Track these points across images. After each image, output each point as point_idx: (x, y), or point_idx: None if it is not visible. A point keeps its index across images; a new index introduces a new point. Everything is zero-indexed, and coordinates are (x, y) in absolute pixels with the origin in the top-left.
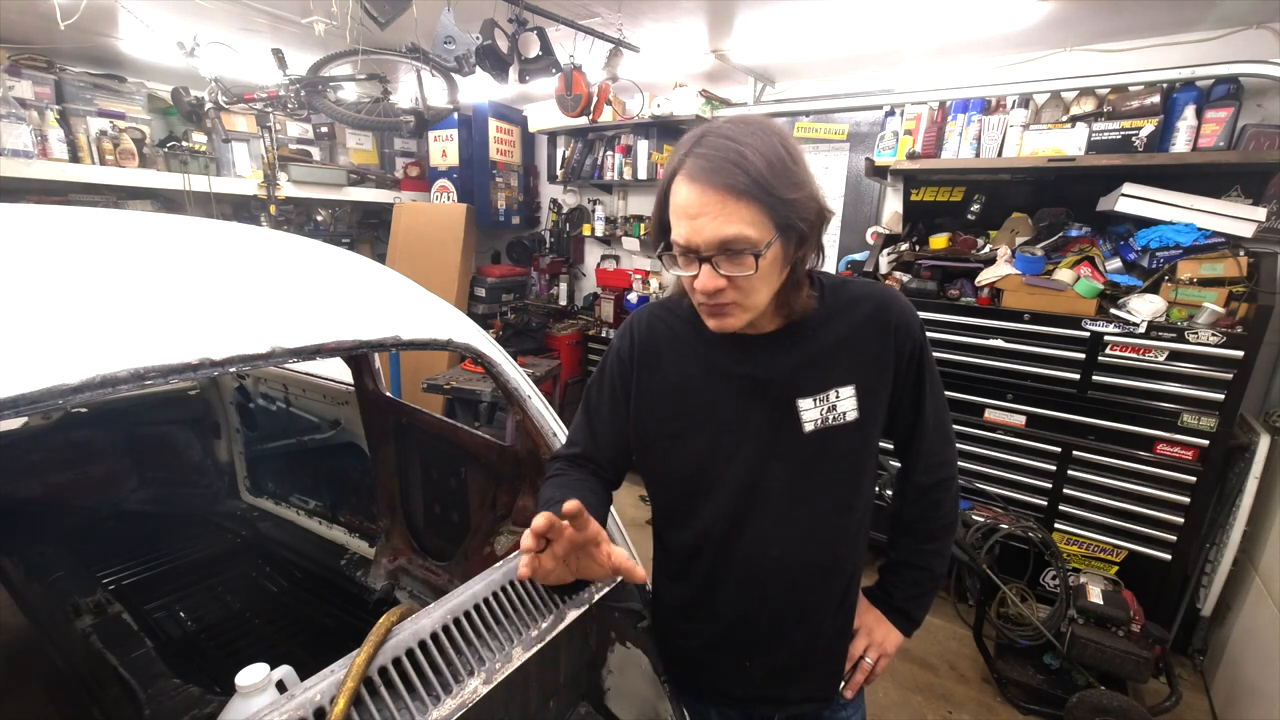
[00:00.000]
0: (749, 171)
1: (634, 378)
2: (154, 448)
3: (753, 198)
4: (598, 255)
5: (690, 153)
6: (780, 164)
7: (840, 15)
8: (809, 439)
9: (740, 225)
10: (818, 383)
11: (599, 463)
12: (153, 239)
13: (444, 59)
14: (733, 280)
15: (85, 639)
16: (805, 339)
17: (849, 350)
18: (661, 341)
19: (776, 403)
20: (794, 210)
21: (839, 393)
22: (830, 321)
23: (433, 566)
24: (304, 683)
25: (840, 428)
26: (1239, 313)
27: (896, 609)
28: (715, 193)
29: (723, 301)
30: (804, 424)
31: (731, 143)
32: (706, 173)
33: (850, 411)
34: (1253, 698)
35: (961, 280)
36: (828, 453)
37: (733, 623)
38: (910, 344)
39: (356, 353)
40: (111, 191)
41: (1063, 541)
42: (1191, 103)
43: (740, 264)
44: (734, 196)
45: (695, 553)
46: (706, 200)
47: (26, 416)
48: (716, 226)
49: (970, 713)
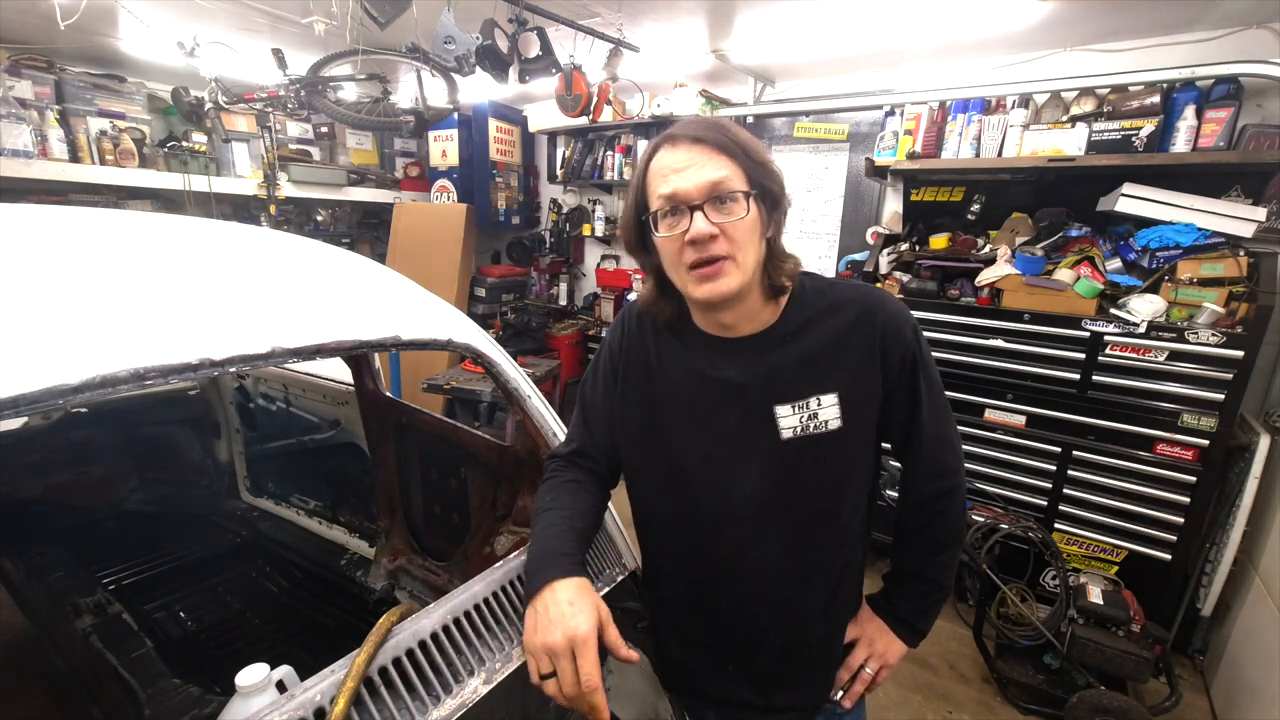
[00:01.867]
0: (727, 134)
1: (620, 373)
2: (154, 448)
3: (732, 155)
4: (598, 255)
5: (666, 133)
6: (750, 137)
7: (840, 15)
8: (786, 446)
9: (726, 171)
10: (797, 390)
11: (595, 459)
12: (152, 239)
13: (444, 59)
14: (724, 229)
15: (85, 639)
16: (786, 344)
17: (831, 357)
18: (647, 340)
19: (754, 408)
20: (767, 175)
21: (820, 400)
22: (812, 327)
23: (433, 566)
24: (304, 683)
25: (821, 436)
26: (1239, 313)
27: (901, 620)
28: (700, 146)
29: (716, 254)
30: (781, 430)
31: (709, 118)
32: (690, 133)
33: (833, 420)
34: (1253, 698)
35: (961, 280)
36: (807, 461)
37: (713, 626)
38: (901, 350)
39: (356, 353)
40: (111, 191)
41: (1063, 541)
42: (1191, 103)
43: (730, 210)
44: (717, 150)
45: (673, 554)
46: (692, 154)
47: (26, 416)
48: (705, 172)
49: (970, 713)
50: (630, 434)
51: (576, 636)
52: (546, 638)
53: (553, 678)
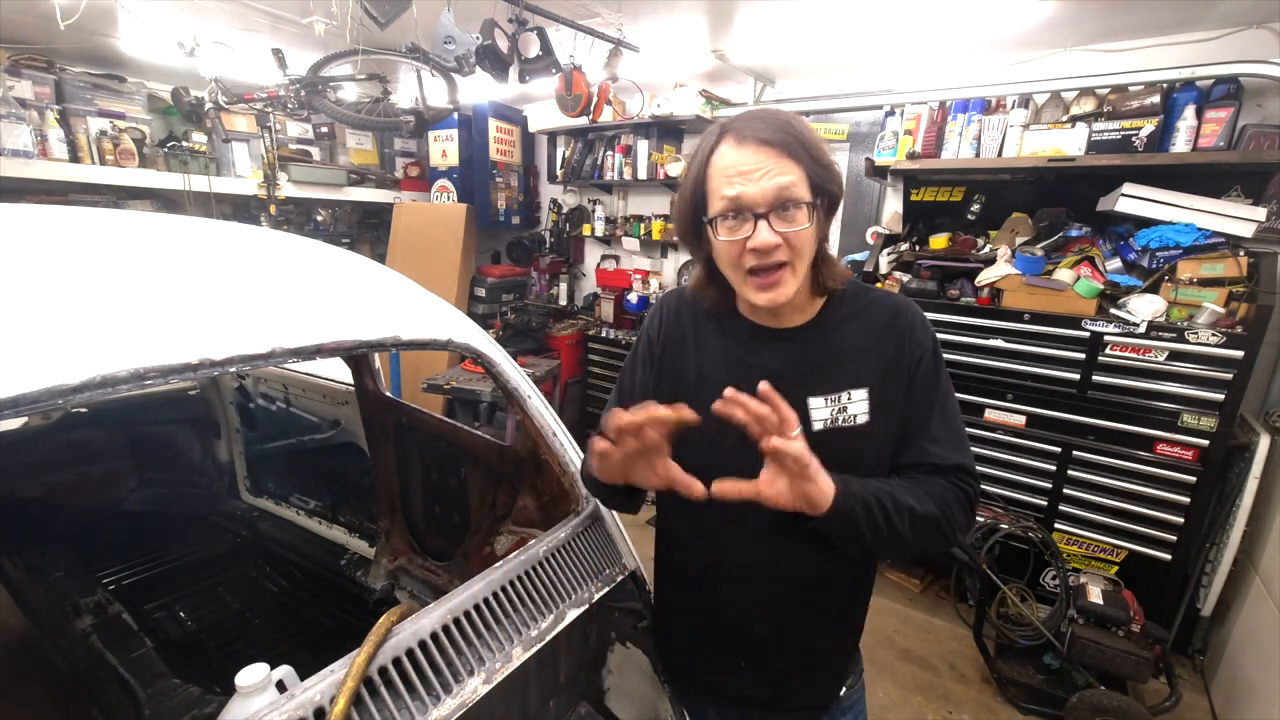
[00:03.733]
0: (794, 134)
1: (658, 359)
2: (154, 448)
3: (799, 160)
4: (598, 255)
5: (731, 125)
6: (816, 136)
7: (840, 15)
8: (816, 438)
9: (793, 176)
10: (832, 382)
11: None
12: (153, 239)
13: (444, 59)
14: (786, 239)
15: (85, 639)
16: (824, 338)
17: (865, 354)
18: (686, 326)
19: (788, 398)
20: (830, 178)
21: (851, 395)
22: (849, 323)
23: (433, 566)
24: (304, 683)
25: (849, 429)
26: (1239, 313)
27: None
28: (768, 149)
29: (778, 260)
30: (813, 422)
31: (773, 113)
32: (757, 133)
33: (861, 415)
34: (1253, 698)
35: (961, 280)
36: (834, 453)
37: (731, 621)
38: (920, 352)
39: (356, 353)
40: (111, 191)
41: (1063, 541)
42: (1191, 103)
43: (793, 219)
44: (785, 154)
45: (693, 545)
46: (759, 156)
47: (26, 416)
48: (772, 178)
49: (970, 713)
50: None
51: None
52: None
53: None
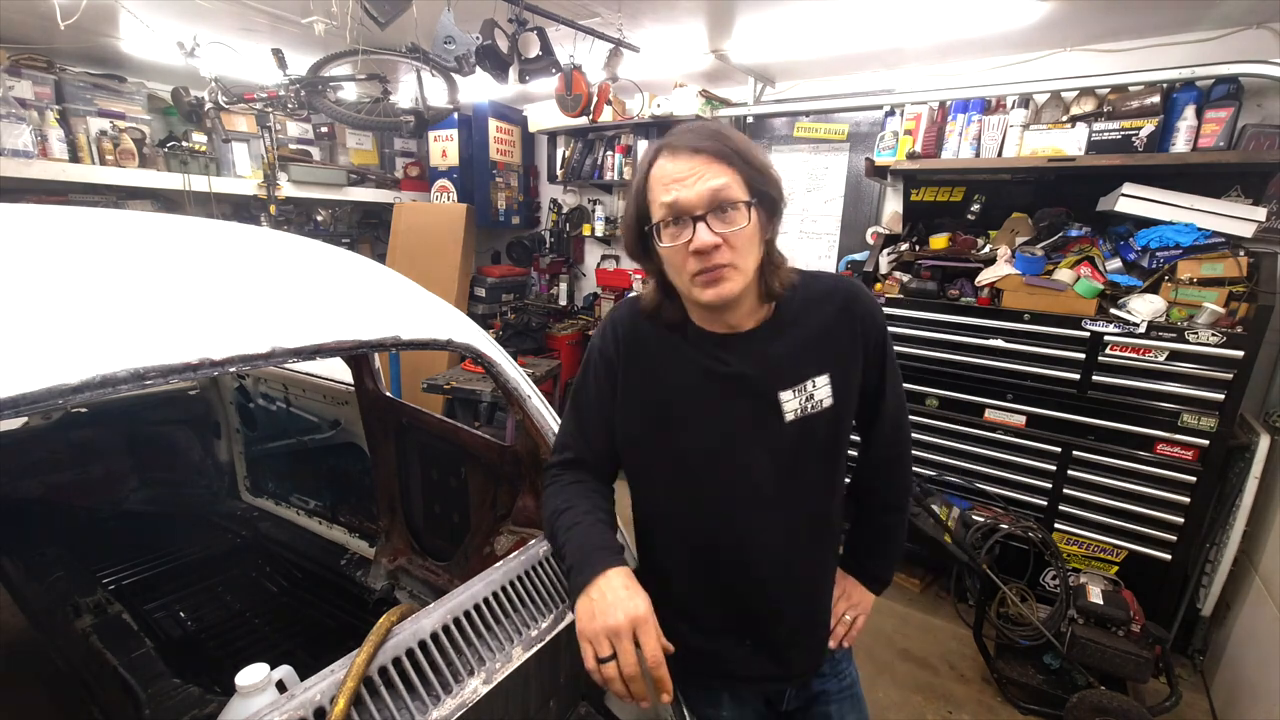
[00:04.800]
0: (727, 142)
1: (620, 377)
2: (154, 448)
3: (731, 163)
4: (598, 255)
5: (666, 141)
6: (748, 143)
7: (840, 15)
8: (790, 428)
9: (726, 179)
10: (796, 374)
11: (593, 465)
12: (153, 239)
13: (444, 59)
14: (726, 239)
15: (85, 639)
16: (783, 334)
17: (822, 342)
18: (648, 342)
19: (760, 397)
20: (766, 180)
21: (815, 382)
22: (804, 315)
23: (433, 566)
24: (304, 683)
25: (817, 415)
26: (1239, 313)
27: (869, 574)
28: (701, 156)
29: (719, 263)
30: (785, 414)
31: (705, 125)
32: (689, 143)
33: (826, 399)
34: (1253, 698)
35: (961, 280)
36: (808, 439)
37: (732, 608)
38: (875, 332)
39: (356, 353)
40: (111, 191)
41: (1063, 541)
42: (1191, 103)
43: (731, 219)
44: (718, 159)
45: (684, 546)
46: (693, 163)
47: (26, 416)
48: (706, 181)
49: (970, 713)
50: (633, 436)
51: (638, 616)
52: (607, 620)
53: (611, 660)
